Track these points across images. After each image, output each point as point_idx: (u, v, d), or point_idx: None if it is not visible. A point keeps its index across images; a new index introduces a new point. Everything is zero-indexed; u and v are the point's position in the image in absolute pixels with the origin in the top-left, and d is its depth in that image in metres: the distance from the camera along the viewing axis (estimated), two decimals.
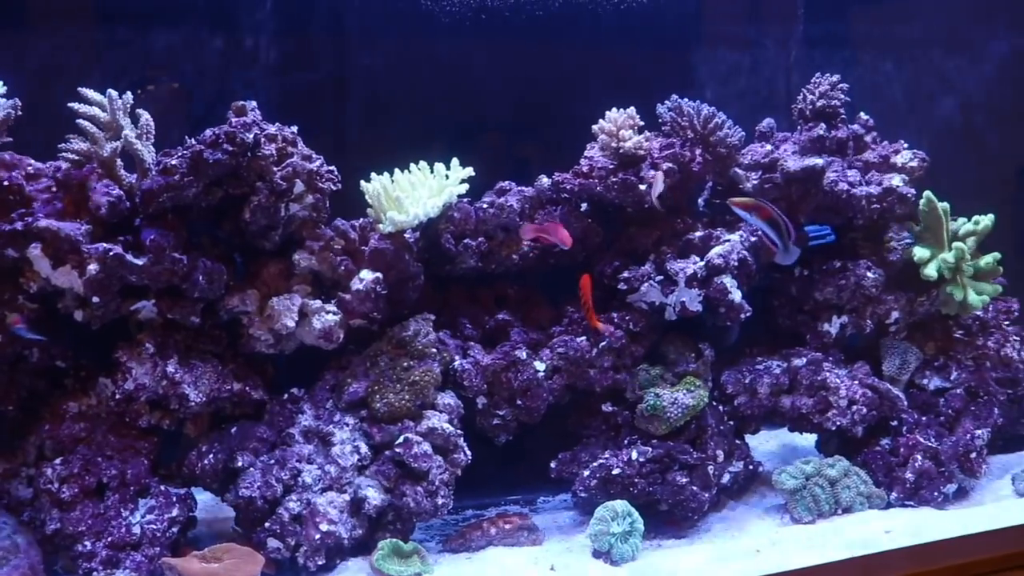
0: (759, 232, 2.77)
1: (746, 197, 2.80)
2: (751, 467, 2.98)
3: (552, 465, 2.86)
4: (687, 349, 2.95)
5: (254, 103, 2.59)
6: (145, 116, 2.52)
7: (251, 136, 2.47)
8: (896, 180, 3.09)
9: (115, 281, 2.35)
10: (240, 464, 2.50)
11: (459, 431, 2.65)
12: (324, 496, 2.51)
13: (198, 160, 2.40)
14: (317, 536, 2.43)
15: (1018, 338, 3.28)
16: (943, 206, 3.06)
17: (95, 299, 2.34)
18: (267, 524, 2.46)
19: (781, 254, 2.70)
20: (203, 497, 2.61)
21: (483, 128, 3.39)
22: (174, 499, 2.45)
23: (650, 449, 2.73)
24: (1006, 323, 3.29)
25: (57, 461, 2.39)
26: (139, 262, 2.36)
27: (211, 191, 2.49)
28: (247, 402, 2.61)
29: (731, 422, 2.97)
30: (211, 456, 2.51)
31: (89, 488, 2.38)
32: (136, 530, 2.36)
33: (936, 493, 2.85)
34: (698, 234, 2.94)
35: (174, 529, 2.41)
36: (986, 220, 3.09)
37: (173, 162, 2.40)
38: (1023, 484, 2.92)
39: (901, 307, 3.11)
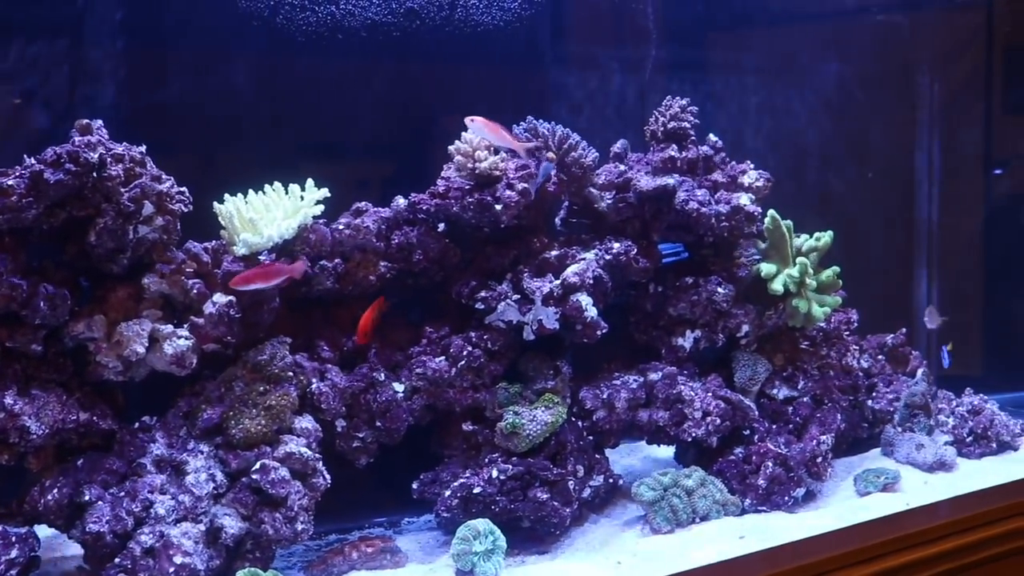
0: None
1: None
2: (611, 481, 3.03)
3: (414, 486, 2.86)
4: (545, 366, 2.98)
5: (100, 122, 2.51)
6: None
7: (96, 156, 2.38)
8: (744, 199, 3.20)
9: None
10: (87, 498, 2.39)
11: (318, 455, 2.60)
12: (178, 527, 2.42)
13: (38, 180, 2.30)
14: (171, 569, 2.34)
15: (857, 347, 3.48)
16: (787, 224, 3.20)
17: None
18: (118, 560, 2.35)
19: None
20: (47, 535, 2.49)
21: (340, 148, 3.37)
22: (13, 539, 2.31)
23: (510, 467, 2.74)
24: (846, 333, 3.47)
25: None
26: None
27: (53, 213, 2.39)
28: (95, 432, 2.50)
29: (590, 437, 3.01)
30: (55, 491, 2.39)
31: None
32: None
33: (787, 497, 2.97)
34: (554, 253, 2.98)
35: (13, 572, 2.28)
36: (826, 237, 3.26)
37: (10, 182, 2.29)
38: (864, 485, 3.08)
39: (751, 320, 3.21)
